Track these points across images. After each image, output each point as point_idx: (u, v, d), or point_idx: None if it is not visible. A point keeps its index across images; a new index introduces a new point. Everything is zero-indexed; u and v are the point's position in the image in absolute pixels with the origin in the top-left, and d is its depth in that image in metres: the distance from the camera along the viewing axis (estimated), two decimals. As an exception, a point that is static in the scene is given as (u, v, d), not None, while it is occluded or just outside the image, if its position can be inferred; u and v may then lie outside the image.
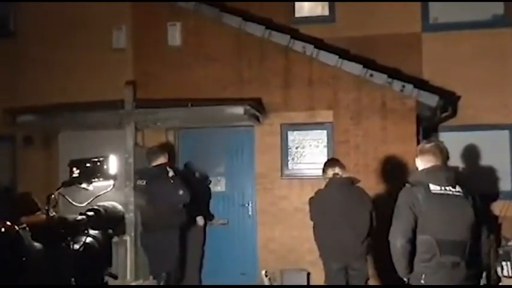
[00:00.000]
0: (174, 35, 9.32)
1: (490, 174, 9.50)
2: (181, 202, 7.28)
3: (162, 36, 9.35)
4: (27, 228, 3.32)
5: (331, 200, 6.21)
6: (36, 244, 3.36)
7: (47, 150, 9.68)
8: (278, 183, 8.96)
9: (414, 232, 4.32)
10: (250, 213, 9.14)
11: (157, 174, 7.40)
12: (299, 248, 8.53)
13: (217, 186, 9.19)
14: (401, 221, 4.36)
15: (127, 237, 8.31)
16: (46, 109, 8.99)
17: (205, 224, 8.71)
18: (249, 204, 9.16)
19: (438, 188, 4.34)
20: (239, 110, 8.32)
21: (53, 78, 9.55)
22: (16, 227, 3.29)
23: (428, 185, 4.34)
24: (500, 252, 8.42)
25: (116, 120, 8.75)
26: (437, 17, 10.01)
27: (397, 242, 4.32)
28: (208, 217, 8.83)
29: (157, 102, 8.75)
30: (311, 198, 6.47)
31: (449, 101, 9.26)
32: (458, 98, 9.64)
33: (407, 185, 4.46)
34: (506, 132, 9.66)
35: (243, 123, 8.92)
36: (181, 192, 7.22)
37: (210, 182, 9.01)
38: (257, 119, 8.84)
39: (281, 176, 8.99)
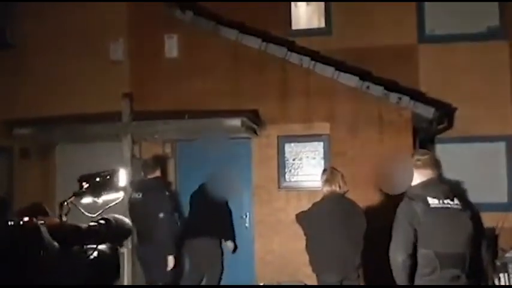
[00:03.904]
0: (171, 47, 9.35)
1: (487, 186, 9.51)
2: (159, 224, 7.17)
3: (159, 48, 9.37)
4: (45, 225, 3.36)
5: (327, 213, 6.21)
6: (55, 243, 3.40)
7: (44, 162, 9.68)
8: (275, 195, 8.96)
9: (414, 246, 4.30)
10: (247, 225, 9.13)
11: (153, 187, 7.40)
12: (296, 260, 8.48)
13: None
14: (401, 236, 4.32)
15: (124, 249, 8.29)
16: (43, 121, 8.99)
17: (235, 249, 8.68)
18: (246, 216, 9.15)
19: (436, 201, 4.32)
20: (236, 122, 8.34)
21: (50, 90, 9.54)
22: (35, 220, 3.33)
23: (426, 199, 4.32)
24: (498, 263, 8.44)
25: (113, 132, 8.75)
26: (434, 29, 10.07)
27: (398, 257, 4.29)
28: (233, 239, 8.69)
29: (155, 114, 8.76)
30: (301, 213, 6.47)
31: (446, 112, 9.29)
32: (455, 109, 9.67)
33: (405, 199, 4.43)
34: (502, 144, 9.68)
35: (240, 135, 8.92)
36: (161, 215, 7.16)
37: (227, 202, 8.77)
38: (254, 131, 8.86)
39: (278, 187, 8.99)
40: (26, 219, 3.34)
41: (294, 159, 9.05)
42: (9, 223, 3.29)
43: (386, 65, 9.71)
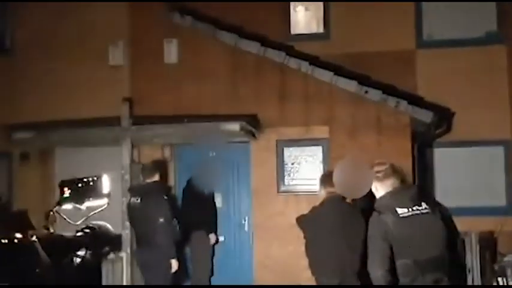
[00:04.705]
0: (171, 52, 9.37)
1: (485, 190, 9.54)
2: (159, 228, 7.16)
3: (158, 53, 9.39)
4: (37, 241, 3.34)
5: (326, 217, 6.21)
6: (47, 257, 3.39)
7: (44, 166, 9.67)
8: (274, 199, 8.97)
9: (392, 260, 4.30)
10: (246, 229, 9.14)
11: (151, 191, 7.39)
12: (295, 264, 8.49)
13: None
14: (377, 252, 4.33)
15: (123, 254, 8.27)
16: (42, 126, 8.99)
17: (216, 241, 8.79)
18: (245, 220, 9.16)
19: (405, 210, 4.29)
20: (235, 126, 8.36)
21: (50, 94, 9.56)
22: (30, 237, 3.32)
23: (395, 209, 4.30)
24: (496, 268, 8.44)
25: (112, 136, 8.76)
26: (432, 34, 10.11)
27: (377, 272, 4.30)
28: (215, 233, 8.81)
29: (154, 118, 8.77)
30: (302, 216, 6.48)
31: (444, 117, 9.32)
32: (453, 114, 9.70)
33: (374, 213, 4.41)
34: (500, 148, 9.71)
35: (239, 139, 8.93)
36: (161, 220, 7.17)
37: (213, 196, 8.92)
38: (253, 135, 8.88)
39: (277, 191, 9.00)
40: (19, 235, 3.30)
41: (292, 163, 9.06)
42: (3, 241, 3.23)
43: (385, 69, 9.75)
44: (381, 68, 9.73)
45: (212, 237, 8.64)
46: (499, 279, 8.47)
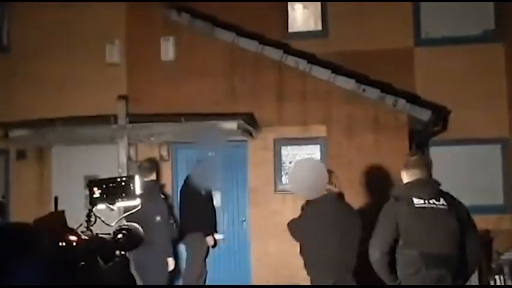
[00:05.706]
0: (168, 50, 9.35)
1: (482, 188, 9.53)
2: (156, 227, 7.11)
3: (155, 51, 9.37)
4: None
5: (321, 215, 6.19)
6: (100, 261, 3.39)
7: (41, 164, 9.64)
8: (272, 198, 8.97)
9: (393, 246, 4.35)
10: (244, 227, 9.13)
11: (148, 190, 7.37)
12: (293, 263, 8.47)
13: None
14: (381, 234, 4.40)
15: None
16: (39, 123, 8.97)
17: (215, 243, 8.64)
18: (243, 219, 9.15)
19: (422, 201, 4.34)
20: (232, 124, 8.35)
21: (46, 92, 9.53)
22: (84, 239, 3.29)
23: (411, 199, 4.34)
24: (493, 266, 8.45)
25: (109, 134, 8.75)
26: (430, 32, 10.10)
27: (375, 253, 4.39)
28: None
29: (151, 116, 8.76)
30: (292, 222, 6.46)
31: (441, 115, 9.32)
32: (449, 112, 9.70)
33: (391, 199, 4.49)
34: (497, 147, 9.71)
35: (237, 138, 8.92)
36: (158, 218, 7.16)
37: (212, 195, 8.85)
38: (250, 133, 8.86)
39: (275, 190, 9.00)
40: (73, 238, 3.25)
41: (290, 162, 9.05)
42: (60, 243, 3.18)
43: (383, 68, 9.74)
44: (378, 67, 9.72)
45: (210, 240, 8.47)
46: (496, 277, 8.47)
